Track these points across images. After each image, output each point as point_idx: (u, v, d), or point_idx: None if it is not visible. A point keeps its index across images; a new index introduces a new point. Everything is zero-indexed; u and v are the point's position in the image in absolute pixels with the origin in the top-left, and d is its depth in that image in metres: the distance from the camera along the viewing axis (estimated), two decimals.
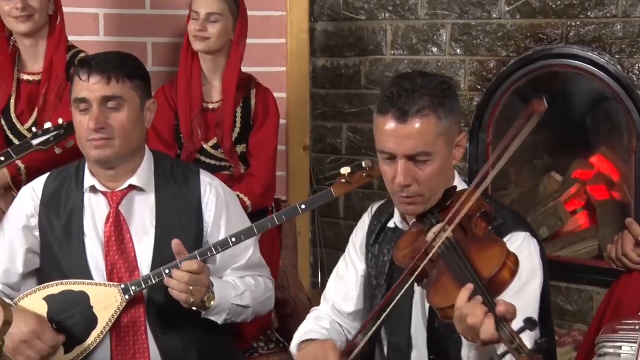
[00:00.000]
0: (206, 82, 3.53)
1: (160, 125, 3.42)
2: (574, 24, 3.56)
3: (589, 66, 3.50)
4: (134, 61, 2.80)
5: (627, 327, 2.24)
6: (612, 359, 2.21)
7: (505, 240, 2.15)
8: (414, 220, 2.28)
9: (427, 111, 2.18)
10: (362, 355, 2.43)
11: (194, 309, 2.61)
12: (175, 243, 2.59)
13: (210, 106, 3.52)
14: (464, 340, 2.01)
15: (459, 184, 2.33)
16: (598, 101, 3.65)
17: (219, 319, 2.69)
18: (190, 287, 2.54)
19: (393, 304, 2.18)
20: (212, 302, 2.62)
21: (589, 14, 3.52)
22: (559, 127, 3.71)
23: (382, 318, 2.23)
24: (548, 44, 3.62)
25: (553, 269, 3.42)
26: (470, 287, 1.91)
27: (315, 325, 2.50)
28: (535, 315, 2.13)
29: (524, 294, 2.12)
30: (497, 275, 1.94)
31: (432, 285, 2.05)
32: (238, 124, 3.50)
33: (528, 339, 1.83)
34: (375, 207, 2.52)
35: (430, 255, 2.07)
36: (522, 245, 2.19)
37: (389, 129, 2.20)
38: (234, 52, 3.50)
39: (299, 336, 2.47)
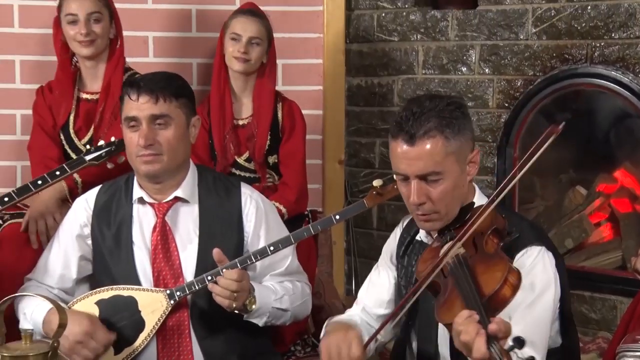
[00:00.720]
0: (236, 100, 3.54)
1: (195, 144, 3.41)
2: (598, 45, 3.53)
3: (612, 85, 3.48)
4: (180, 81, 2.82)
5: None
6: None
7: (520, 254, 2.16)
8: (437, 234, 2.28)
9: (434, 132, 2.19)
10: (395, 356, 2.45)
11: (237, 312, 2.61)
12: (216, 252, 2.60)
13: (241, 122, 3.53)
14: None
15: (479, 198, 2.31)
16: (621, 118, 3.62)
17: (260, 322, 2.69)
18: (234, 293, 2.55)
19: (404, 310, 2.20)
20: (254, 306, 2.63)
21: (612, 35, 3.50)
22: (584, 143, 3.71)
23: (394, 321, 2.29)
24: (573, 63, 3.59)
25: (577, 278, 3.43)
26: (465, 311, 1.90)
27: (346, 316, 2.52)
28: (545, 328, 2.14)
29: (537, 306, 2.12)
30: (497, 292, 1.93)
31: (440, 301, 2.05)
32: (268, 137, 3.51)
33: (520, 354, 1.84)
34: (406, 220, 2.52)
35: (439, 269, 2.07)
36: (536, 258, 2.17)
37: (400, 152, 2.22)
38: (268, 73, 3.51)
39: (332, 321, 2.48)
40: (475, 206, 2.25)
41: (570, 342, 2.30)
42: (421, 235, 2.40)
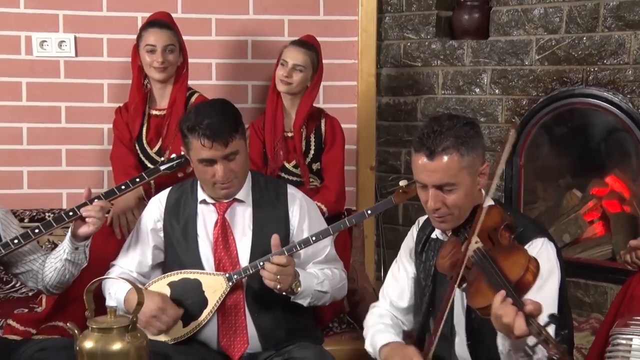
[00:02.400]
0: (287, 115, 3.52)
1: (252, 152, 3.44)
2: (592, 69, 3.51)
3: (604, 104, 3.46)
4: (233, 111, 2.75)
5: (637, 322, 2.19)
6: (623, 348, 2.15)
7: (527, 245, 2.15)
8: (451, 233, 2.27)
9: (451, 150, 2.18)
10: (419, 341, 2.43)
11: (284, 293, 2.61)
12: (274, 237, 2.61)
13: (289, 134, 3.51)
14: (499, 332, 1.99)
15: (487, 201, 2.25)
16: (612, 132, 3.59)
17: (305, 302, 2.69)
18: (278, 277, 2.55)
19: (449, 306, 2.18)
20: (299, 289, 2.63)
21: (605, 61, 3.48)
22: (579, 153, 3.68)
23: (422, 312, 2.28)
24: (571, 85, 3.57)
25: (574, 268, 3.41)
26: (502, 293, 1.90)
27: (381, 323, 2.49)
28: (555, 306, 2.13)
29: (545, 290, 2.11)
30: (522, 278, 1.92)
31: (470, 289, 2.03)
32: (312, 147, 3.50)
33: (552, 331, 1.83)
34: (421, 221, 2.50)
35: (465, 262, 2.06)
36: (541, 249, 2.16)
37: (420, 164, 2.21)
38: (306, 96, 3.49)
39: (371, 334, 2.47)
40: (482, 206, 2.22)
41: (566, 321, 2.28)
42: (436, 233, 2.39)
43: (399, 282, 2.51)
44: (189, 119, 2.66)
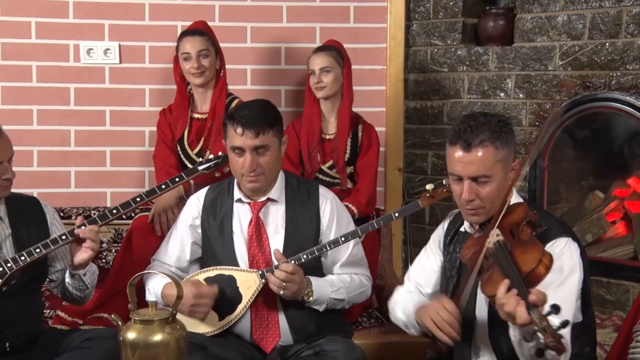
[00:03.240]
0: (324, 119, 3.53)
1: (289, 151, 3.46)
2: (614, 75, 3.47)
3: (626, 107, 3.41)
4: (272, 110, 2.78)
5: None
6: None
7: (550, 243, 2.13)
8: (478, 227, 2.26)
9: (487, 142, 2.18)
10: None
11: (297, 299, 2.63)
12: (276, 251, 2.64)
13: (327, 137, 3.52)
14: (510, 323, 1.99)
15: (515, 198, 2.27)
16: (634, 135, 3.53)
17: (320, 308, 2.70)
18: (284, 284, 2.57)
19: (467, 293, 2.20)
20: (311, 298, 2.65)
21: (627, 66, 3.43)
22: (602, 155, 3.65)
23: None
24: (593, 90, 3.53)
25: (596, 267, 3.37)
26: (506, 282, 1.91)
27: (409, 295, 2.48)
28: (572, 302, 2.11)
29: (565, 286, 2.09)
30: (533, 270, 1.92)
31: (485, 278, 2.04)
32: (348, 151, 3.50)
33: (556, 319, 1.82)
34: (453, 214, 2.49)
35: (483, 252, 2.06)
36: (564, 247, 2.14)
37: (456, 156, 2.21)
38: (345, 96, 3.50)
39: (402, 303, 2.46)
40: (510, 204, 2.21)
41: (589, 318, 2.26)
42: (465, 227, 2.37)
43: (426, 269, 2.50)
44: (232, 111, 2.71)
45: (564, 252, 2.12)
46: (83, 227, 2.56)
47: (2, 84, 3.90)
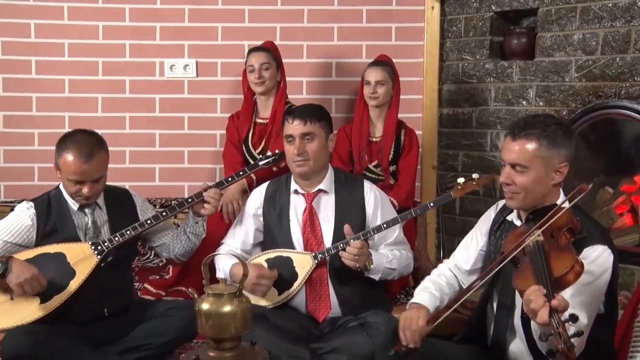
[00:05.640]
0: (372, 124, 3.52)
1: (341, 151, 3.47)
2: (624, 85, 3.40)
3: (634, 114, 3.34)
4: (321, 109, 2.83)
5: None
6: None
7: (587, 248, 2.03)
8: (524, 221, 2.18)
9: (533, 137, 2.10)
10: (477, 312, 2.37)
11: (359, 270, 2.62)
12: (346, 227, 2.62)
13: (374, 139, 3.51)
14: None
15: (562, 199, 2.15)
16: None
17: (376, 277, 2.70)
18: (357, 257, 2.57)
19: (492, 274, 2.12)
20: (372, 266, 2.64)
21: (635, 78, 3.36)
22: (612, 156, 3.55)
23: (482, 282, 2.17)
24: (605, 99, 3.46)
25: None
26: (541, 288, 1.80)
27: (430, 282, 2.44)
28: (595, 302, 2.02)
29: (593, 286, 2.00)
30: (564, 275, 1.83)
31: (518, 272, 1.96)
32: (392, 152, 3.49)
33: (572, 328, 1.75)
34: (499, 204, 2.41)
35: (520, 248, 1.98)
36: (598, 253, 2.04)
37: (505, 143, 2.17)
38: (393, 106, 3.48)
39: (418, 288, 2.44)
40: (558, 205, 2.10)
41: (611, 310, 2.16)
42: (512, 217, 2.28)
43: (469, 249, 2.44)
44: (288, 109, 2.71)
45: (598, 258, 2.02)
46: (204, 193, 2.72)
47: (102, 95, 3.98)
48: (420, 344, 2.18)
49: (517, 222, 2.26)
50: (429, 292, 2.38)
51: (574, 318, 1.72)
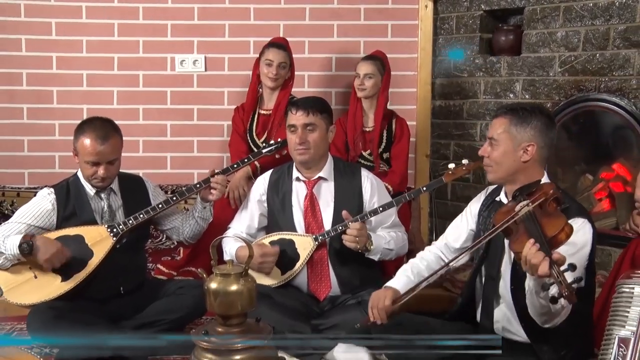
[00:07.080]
0: (365, 115, 3.52)
1: (337, 141, 3.46)
2: (603, 80, 3.39)
3: (613, 106, 3.34)
4: (323, 101, 2.83)
5: (638, 275, 2.09)
6: (627, 295, 2.06)
7: (569, 221, 2.01)
8: (512, 197, 2.21)
9: (506, 116, 2.19)
10: (467, 288, 2.37)
11: (359, 251, 2.63)
12: (344, 212, 2.62)
13: (367, 129, 3.50)
14: (527, 274, 1.95)
15: (545, 178, 2.22)
16: (618, 129, 3.43)
17: (375, 257, 2.70)
18: (357, 238, 2.57)
19: (482, 242, 2.15)
20: (371, 247, 2.64)
21: (614, 73, 3.35)
22: (592, 145, 3.54)
23: (471, 250, 2.22)
24: (586, 92, 3.45)
25: None
26: (532, 240, 1.85)
27: (413, 263, 2.46)
28: (581, 270, 2.05)
29: (576, 256, 2.04)
30: (557, 235, 1.87)
31: (513, 238, 1.99)
32: (384, 140, 3.49)
33: (570, 276, 1.79)
34: (489, 189, 2.45)
35: (513, 220, 2.01)
36: (580, 226, 2.07)
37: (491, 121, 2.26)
38: (380, 97, 3.47)
39: (399, 271, 2.46)
40: (541, 182, 2.17)
41: (591, 283, 2.21)
42: (501, 197, 2.31)
43: (459, 228, 2.47)
44: (291, 101, 2.69)
45: (579, 230, 2.05)
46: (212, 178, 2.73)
47: (117, 89, 3.98)
48: (387, 321, 2.24)
49: (505, 201, 2.27)
50: (405, 276, 2.41)
51: (572, 267, 1.77)
